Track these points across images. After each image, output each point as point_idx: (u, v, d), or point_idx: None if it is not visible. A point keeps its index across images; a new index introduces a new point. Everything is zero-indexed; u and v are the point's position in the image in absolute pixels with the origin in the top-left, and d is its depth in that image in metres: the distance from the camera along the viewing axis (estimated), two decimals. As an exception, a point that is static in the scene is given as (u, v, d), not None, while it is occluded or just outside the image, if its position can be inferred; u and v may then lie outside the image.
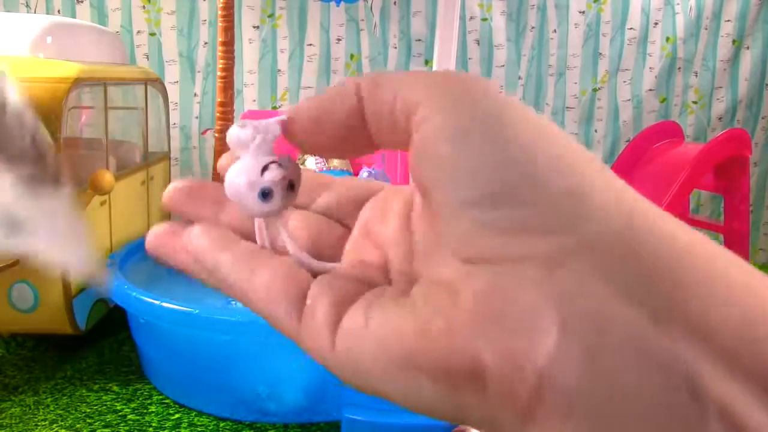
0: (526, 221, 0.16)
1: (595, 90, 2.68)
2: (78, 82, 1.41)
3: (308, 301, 0.20)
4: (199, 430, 1.21)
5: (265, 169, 0.21)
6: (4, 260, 1.30)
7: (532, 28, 2.60)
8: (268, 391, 1.28)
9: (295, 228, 0.26)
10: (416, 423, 1.09)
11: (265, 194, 0.21)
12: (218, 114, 2.02)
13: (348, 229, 0.26)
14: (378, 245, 0.24)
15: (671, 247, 0.16)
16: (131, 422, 1.19)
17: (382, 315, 0.18)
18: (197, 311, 1.12)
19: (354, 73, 2.52)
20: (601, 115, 2.71)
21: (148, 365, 1.37)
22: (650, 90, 2.69)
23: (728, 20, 2.66)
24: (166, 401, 1.28)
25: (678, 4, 2.63)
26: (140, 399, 1.28)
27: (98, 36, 1.83)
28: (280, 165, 0.22)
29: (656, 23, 2.64)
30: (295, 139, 0.22)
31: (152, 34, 2.36)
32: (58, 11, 2.28)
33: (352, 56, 2.51)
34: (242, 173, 0.21)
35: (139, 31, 2.35)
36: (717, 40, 2.68)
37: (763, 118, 2.76)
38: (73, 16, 2.28)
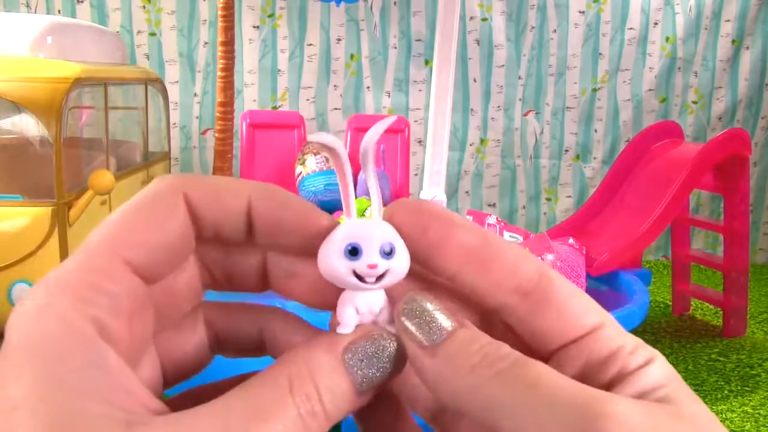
0: None
1: (595, 90, 2.68)
2: (78, 82, 1.41)
3: None
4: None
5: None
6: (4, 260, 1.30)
7: (532, 28, 2.60)
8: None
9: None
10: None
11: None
12: (218, 114, 2.02)
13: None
14: None
15: None
16: (131, 422, 1.19)
17: None
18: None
19: (354, 74, 2.53)
20: (601, 115, 2.71)
21: (148, 365, 1.37)
22: (650, 90, 2.69)
23: (728, 20, 2.66)
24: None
25: (678, 4, 2.63)
26: (140, 398, 1.28)
27: (98, 36, 1.83)
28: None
29: (656, 23, 2.64)
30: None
31: (152, 34, 2.37)
32: (59, 11, 2.28)
33: (352, 56, 2.51)
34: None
35: (139, 31, 2.35)
36: (717, 40, 2.68)
37: (762, 118, 2.76)
38: (74, 16, 2.28)
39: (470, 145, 2.63)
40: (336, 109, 2.51)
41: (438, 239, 0.19)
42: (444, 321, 0.19)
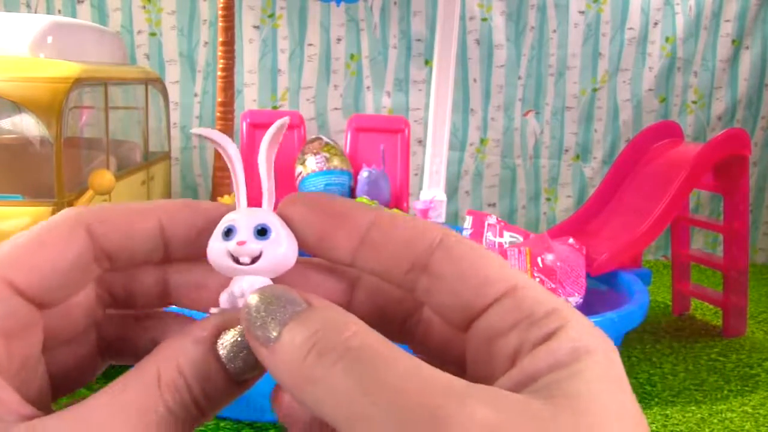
0: None
1: (594, 90, 2.68)
2: (78, 82, 1.41)
3: None
4: (199, 429, 1.21)
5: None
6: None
7: (532, 28, 2.60)
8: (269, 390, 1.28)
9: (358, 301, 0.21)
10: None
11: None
12: (218, 114, 2.02)
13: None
14: None
15: None
16: (131, 421, 1.19)
17: None
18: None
19: (354, 74, 2.53)
20: (601, 115, 2.71)
21: (148, 365, 1.36)
22: (650, 90, 2.69)
23: (728, 20, 2.66)
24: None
25: (678, 3, 2.63)
26: (140, 398, 1.28)
27: (99, 36, 1.83)
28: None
29: (656, 23, 2.64)
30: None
31: (153, 34, 2.37)
32: (59, 11, 2.28)
33: (352, 56, 2.51)
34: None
35: (139, 31, 2.36)
36: (716, 39, 2.68)
37: (762, 117, 2.76)
38: (74, 16, 2.28)
39: (470, 145, 2.63)
40: (336, 109, 2.51)
41: (325, 229, 0.19)
42: (288, 308, 0.17)
